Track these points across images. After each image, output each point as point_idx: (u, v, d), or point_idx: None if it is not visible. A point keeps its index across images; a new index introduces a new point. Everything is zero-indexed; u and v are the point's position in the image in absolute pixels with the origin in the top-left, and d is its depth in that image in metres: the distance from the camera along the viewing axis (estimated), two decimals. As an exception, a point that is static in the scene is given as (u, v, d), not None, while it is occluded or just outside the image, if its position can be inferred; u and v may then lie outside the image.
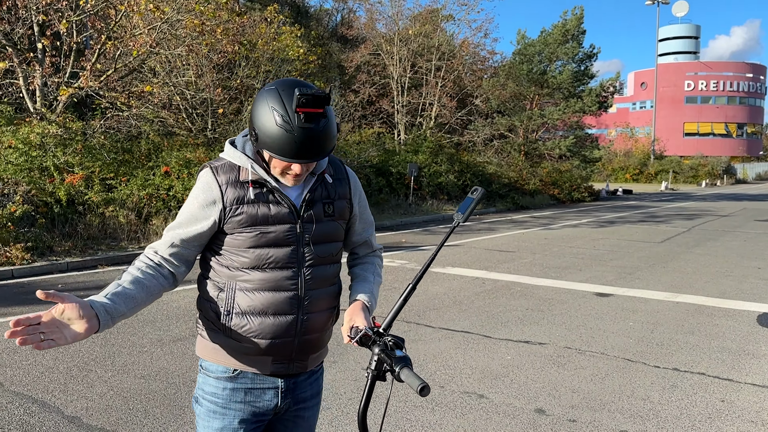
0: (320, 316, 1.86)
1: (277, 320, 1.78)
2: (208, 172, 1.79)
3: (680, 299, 7.54)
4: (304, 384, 1.92)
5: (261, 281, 1.77)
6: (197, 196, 1.78)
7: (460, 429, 3.82)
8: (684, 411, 4.16)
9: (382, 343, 1.67)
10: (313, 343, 1.88)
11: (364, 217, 2.02)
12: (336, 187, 1.89)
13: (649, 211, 22.07)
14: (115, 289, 1.62)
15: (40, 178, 10.83)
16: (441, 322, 6.34)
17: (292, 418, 1.93)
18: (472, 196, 1.83)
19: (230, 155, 1.81)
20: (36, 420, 3.85)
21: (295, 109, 1.62)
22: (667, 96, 66.15)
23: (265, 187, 1.77)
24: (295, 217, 1.79)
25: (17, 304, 6.89)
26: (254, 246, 1.76)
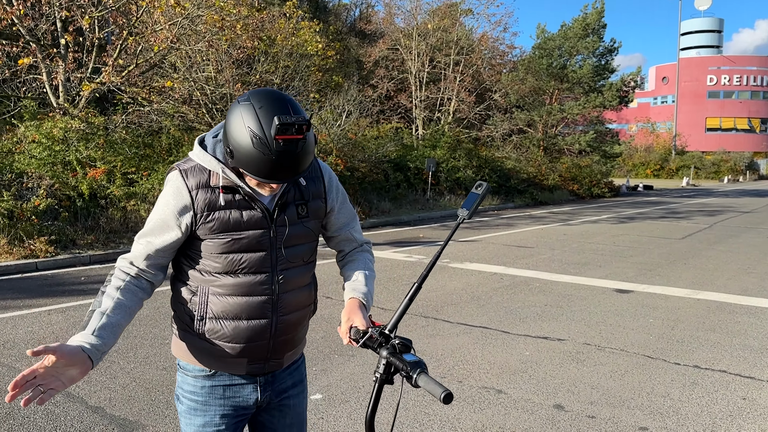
0: (295, 316, 1.85)
1: (251, 324, 1.76)
2: (177, 176, 1.72)
3: (701, 296, 7.46)
4: (282, 375, 1.91)
5: (234, 286, 1.74)
6: (168, 202, 1.71)
7: (479, 424, 3.83)
8: (705, 408, 4.12)
9: (391, 346, 1.61)
10: (288, 342, 1.86)
11: (344, 210, 1.95)
12: (309, 187, 1.84)
13: (670, 207, 21.82)
14: (101, 321, 1.59)
15: (63, 172, 10.99)
16: (459, 318, 6.34)
17: (277, 408, 1.92)
18: (476, 192, 1.76)
19: (200, 158, 1.74)
20: (61, 410, 3.93)
21: (273, 136, 1.54)
22: (689, 91, 65.24)
23: (237, 192, 1.72)
24: (268, 222, 1.75)
25: (41, 296, 7.01)
26: (227, 252, 1.73)
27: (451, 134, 23.23)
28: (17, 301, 6.75)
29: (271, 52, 17.00)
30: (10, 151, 11.06)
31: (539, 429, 3.77)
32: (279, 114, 1.55)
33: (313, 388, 4.33)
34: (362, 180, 16.74)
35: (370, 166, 17.48)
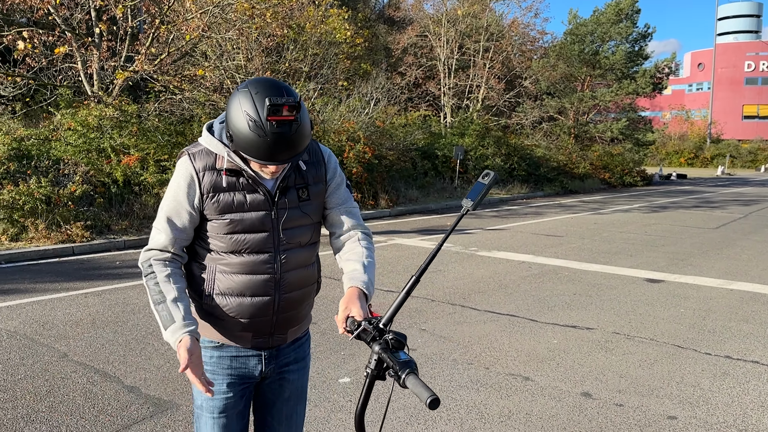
0: (297, 294, 1.93)
1: (255, 301, 1.85)
2: (186, 160, 1.83)
3: (734, 286, 7.34)
4: (286, 350, 2.00)
5: (239, 265, 1.83)
6: (179, 184, 1.82)
7: (505, 410, 3.85)
8: (735, 399, 4.08)
9: (383, 342, 1.57)
10: (290, 319, 1.95)
11: (340, 190, 1.99)
12: (310, 171, 1.91)
13: (704, 197, 21.39)
14: (182, 308, 1.77)
15: (98, 159, 11.23)
16: (486, 306, 6.35)
17: (278, 380, 2.01)
18: (483, 182, 1.73)
19: (207, 142, 1.84)
20: (98, 389, 4.06)
21: (266, 117, 1.64)
22: (726, 77, 63.54)
23: (241, 175, 1.81)
24: (270, 204, 1.84)
25: (78, 279, 7.21)
26: (231, 232, 1.82)
27: (480, 122, 23.05)
28: (55, 284, 6.96)
29: (300, 40, 17.06)
30: (47, 139, 11.33)
31: (566, 416, 3.78)
32: (271, 96, 1.64)
33: (341, 372, 4.40)
34: (390, 168, 16.74)
35: (397, 154, 17.47)
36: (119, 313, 5.82)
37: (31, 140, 10.71)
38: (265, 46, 16.03)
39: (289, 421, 2.06)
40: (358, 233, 2.00)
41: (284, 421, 2.05)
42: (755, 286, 7.39)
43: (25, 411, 3.72)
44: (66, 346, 4.86)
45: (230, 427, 1.93)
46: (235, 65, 15.63)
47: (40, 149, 10.60)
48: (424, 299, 6.54)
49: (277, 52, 17.16)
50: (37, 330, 5.26)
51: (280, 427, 2.06)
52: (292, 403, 2.06)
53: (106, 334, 5.17)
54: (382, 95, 19.41)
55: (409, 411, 3.82)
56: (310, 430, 3.51)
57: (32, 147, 10.52)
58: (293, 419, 2.07)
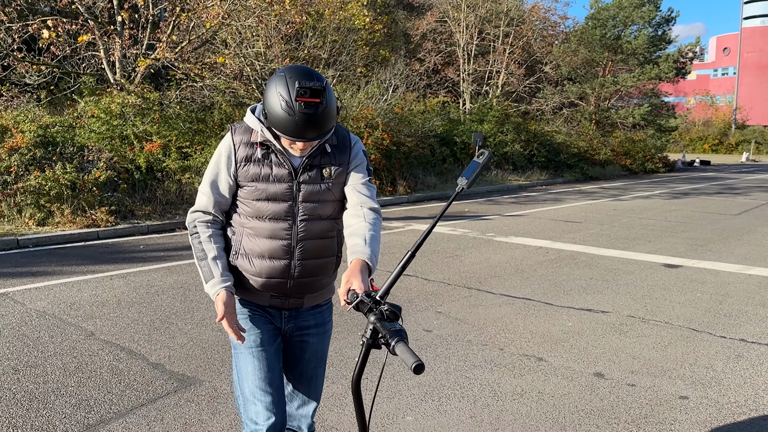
0: (313, 263, 2.11)
1: (273, 263, 2.07)
2: (228, 133, 2.12)
3: (753, 272, 7.31)
4: (306, 314, 2.19)
5: (261, 229, 2.07)
6: (220, 152, 2.10)
7: (518, 388, 3.93)
8: (748, 380, 4.11)
9: (378, 312, 1.67)
10: (307, 285, 2.13)
11: (358, 170, 2.15)
12: (335, 155, 2.11)
13: (727, 183, 21.12)
14: (220, 265, 2.05)
15: (121, 145, 11.44)
16: (502, 289, 6.42)
17: (298, 342, 2.20)
18: (477, 160, 1.82)
19: (248, 119, 2.10)
20: (124, 365, 4.22)
21: (295, 98, 1.87)
22: (752, 62, 62.25)
23: (270, 149, 2.05)
24: (293, 178, 2.05)
25: (103, 262, 7.41)
26: (255, 199, 2.06)
27: (499, 108, 22.94)
28: (81, 267, 7.16)
29: (319, 27, 17.10)
30: (71, 126, 11.56)
31: (578, 395, 3.85)
32: (300, 80, 1.88)
33: (357, 352, 4.50)
34: (408, 155, 16.78)
35: (416, 140, 17.48)
36: (143, 294, 5.99)
37: (55, 127, 10.94)
38: (285, 33, 16.10)
39: (310, 381, 2.22)
40: (365, 209, 2.10)
41: (305, 382, 2.21)
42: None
43: (55, 385, 3.89)
44: (93, 326, 5.04)
45: (267, 359, 2.09)
46: (255, 53, 15.73)
47: (64, 136, 10.83)
48: (441, 283, 6.62)
49: (296, 39, 17.23)
50: (64, 310, 5.44)
51: (301, 386, 2.22)
52: (312, 365, 2.21)
53: (131, 314, 5.34)
54: (400, 82, 19.39)
55: (423, 388, 3.92)
56: (328, 405, 3.62)
57: (57, 134, 10.75)
58: (313, 380, 2.22)
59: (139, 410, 3.56)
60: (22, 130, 10.28)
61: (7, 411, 3.53)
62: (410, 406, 3.68)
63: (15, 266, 7.22)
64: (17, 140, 9.86)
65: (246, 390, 2.08)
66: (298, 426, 2.26)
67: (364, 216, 2.07)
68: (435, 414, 3.57)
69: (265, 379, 2.06)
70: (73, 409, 3.57)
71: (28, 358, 4.32)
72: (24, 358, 4.33)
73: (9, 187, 9.49)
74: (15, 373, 4.06)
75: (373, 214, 2.10)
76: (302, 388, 2.22)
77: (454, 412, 3.60)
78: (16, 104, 13.44)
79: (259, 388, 2.06)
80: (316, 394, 2.25)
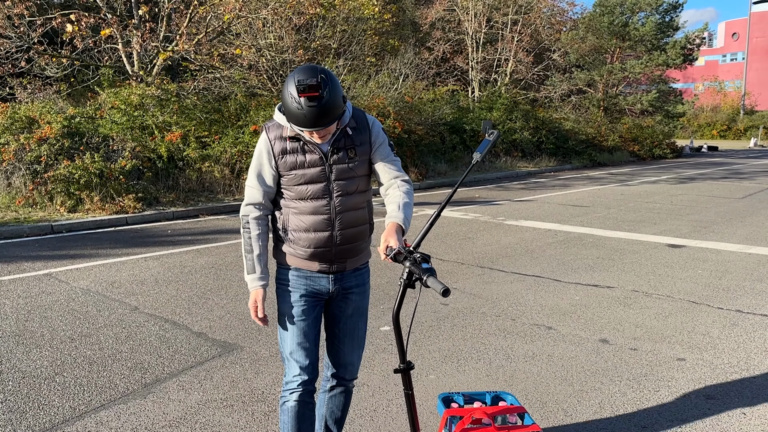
0: (351, 231, 2.45)
1: (317, 235, 2.42)
2: (263, 132, 2.45)
3: (753, 251, 7.65)
4: (349, 276, 2.55)
5: (304, 208, 2.41)
6: (260, 150, 2.43)
7: (529, 353, 4.32)
8: (741, 345, 4.48)
9: (412, 259, 2.07)
10: (347, 251, 2.48)
11: (382, 147, 2.50)
12: (357, 135, 2.44)
13: (734, 168, 21.33)
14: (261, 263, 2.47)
15: (141, 135, 11.86)
16: (513, 268, 6.79)
17: (343, 300, 2.56)
18: (489, 138, 2.23)
19: (277, 117, 2.43)
20: (170, 334, 4.64)
21: (298, 94, 2.19)
22: (761, 47, 61.88)
23: (301, 140, 2.38)
24: (324, 161, 2.39)
25: (136, 246, 7.84)
26: (296, 184, 2.40)
27: (508, 96, 23.20)
28: (116, 250, 7.60)
29: (329, 17, 17.40)
30: (92, 117, 11.98)
31: (584, 358, 4.23)
32: (300, 78, 2.19)
33: (382, 322, 4.90)
34: (419, 143, 17.12)
35: (426, 128, 17.81)
36: (178, 273, 6.41)
37: (77, 119, 11.36)
38: (296, 24, 16.43)
39: (352, 333, 2.60)
40: (398, 181, 2.51)
41: (348, 334, 2.60)
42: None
43: (110, 352, 4.31)
44: (136, 301, 5.46)
45: (305, 329, 2.47)
46: (267, 44, 16.08)
47: (88, 127, 11.25)
48: (455, 263, 7.00)
49: (306, 30, 17.55)
50: (106, 288, 5.87)
51: (345, 338, 2.60)
52: (354, 319, 2.60)
53: (170, 291, 5.76)
54: (410, 71, 19.68)
55: (443, 352, 4.31)
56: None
57: (81, 125, 11.17)
58: (355, 332, 2.61)
59: (190, 371, 3.98)
60: (48, 121, 10.70)
61: (72, 373, 3.95)
62: (432, 366, 4.08)
63: (53, 249, 7.67)
64: (45, 131, 10.29)
65: (286, 351, 2.50)
66: (344, 373, 2.64)
67: (399, 187, 2.49)
68: (455, 373, 3.97)
69: (301, 343, 2.47)
70: (129, 371, 3.99)
71: (81, 329, 4.74)
72: (77, 329, 4.76)
73: (39, 176, 9.94)
74: (72, 342, 4.49)
75: (406, 185, 2.51)
76: (347, 339, 2.61)
77: (471, 372, 3.99)
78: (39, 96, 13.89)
79: (295, 351, 2.47)
80: (359, 344, 2.64)
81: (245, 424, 3.29)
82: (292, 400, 2.45)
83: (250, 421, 3.33)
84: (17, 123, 10.57)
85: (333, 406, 2.67)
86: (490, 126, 19.27)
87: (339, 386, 2.66)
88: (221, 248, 7.72)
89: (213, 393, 3.67)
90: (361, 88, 17.17)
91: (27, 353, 4.27)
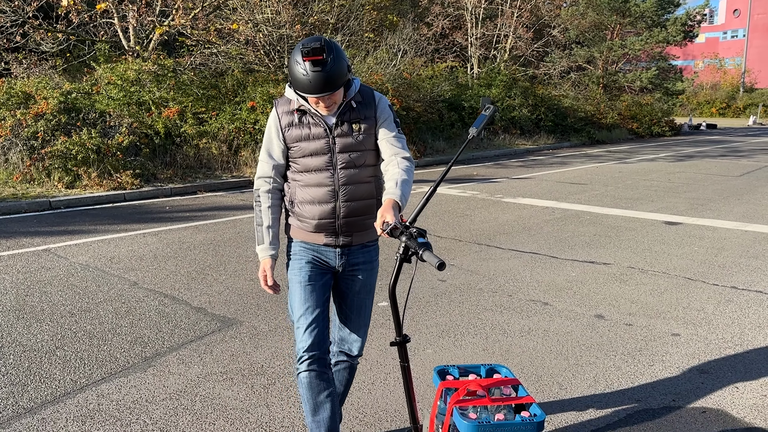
0: (355, 204, 2.47)
1: (321, 207, 2.45)
2: (273, 108, 2.51)
3: (750, 228, 7.69)
4: (356, 252, 2.56)
5: (309, 180, 2.46)
6: (270, 125, 2.51)
7: (525, 327, 4.37)
8: (735, 320, 4.53)
9: (408, 233, 2.10)
10: (352, 224, 2.49)
11: (387, 123, 2.51)
12: (362, 109, 2.46)
13: (732, 146, 21.32)
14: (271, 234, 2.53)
15: (138, 111, 11.79)
16: (510, 245, 6.83)
17: (350, 276, 2.58)
18: (485, 113, 2.24)
19: (286, 92, 2.49)
20: (170, 309, 4.67)
21: (302, 59, 2.25)
22: (762, 23, 61.34)
23: (306, 113, 2.44)
24: (329, 134, 2.42)
25: (134, 222, 7.85)
26: (302, 156, 2.45)
27: (507, 72, 23.05)
28: (114, 226, 7.61)
29: (327, -9, 17.20)
30: (88, 93, 11.90)
31: (580, 333, 4.28)
32: (305, 43, 2.24)
33: (380, 298, 4.94)
34: (417, 120, 17.04)
35: (424, 105, 17.72)
36: (177, 249, 6.44)
37: (73, 95, 11.27)
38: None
39: (359, 310, 2.62)
40: (398, 158, 2.48)
41: (355, 310, 2.62)
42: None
43: (110, 326, 4.35)
44: (135, 276, 5.49)
45: (313, 293, 2.48)
46: (264, 18, 15.90)
47: (84, 103, 11.18)
48: (453, 240, 7.03)
49: (303, 4, 17.35)
50: (106, 263, 5.90)
51: (352, 314, 2.62)
52: (361, 296, 2.61)
53: (169, 267, 5.79)
54: (409, 47, 19.52)
55: (440, 327, 4.36)
56: (356, 341, 4.07)
57: (77, 101, 11.10)
58: (362, 309, 2.63)
59: (190, 345, 4.02)
60: (45, 96, 10.63)
61: (72, 347, 3.99)
62: (429, 341, 4.12)
63: (51, 225, 7.68)
64: (42, 106, 10.23)
65: (295, 317, 2.50)
66: (349, 349, 2.66)
67: (398, 164, 2.46)
68: (451, 347, 4.02)
69: (309, 308, 2.47)
70: (130, 345, 4.03)
71: (81, 304, 4.78)
72: (77, 304, 4.79)
73: (36, 152, 9.90)
74: (71, 316, 4.52)
75: (406, 162, 2.47)
76: (353, 315, 2.62)
77: (468, 346, 4.04)
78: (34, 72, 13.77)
79: (303, 315, 2.47)
80: (365, 322, 2.65)
81: (245, 397, 3.34)
82: (302, 370, 2.44)
83: (249, 394, 3.37)
84: (13, 98, 10.50)
85: (336, 382, 2.70)
86: (489, 103, 19.17)
87: (344, 362, 2.69)
88: (220, 225, 7.74)
89: (213, 366, 3.71)
90: (359, 64, 17.03)
91: (27, 327, 4.30)
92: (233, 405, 3.25)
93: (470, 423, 2.09)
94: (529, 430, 2.10)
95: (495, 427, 2.10)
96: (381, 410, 3.22)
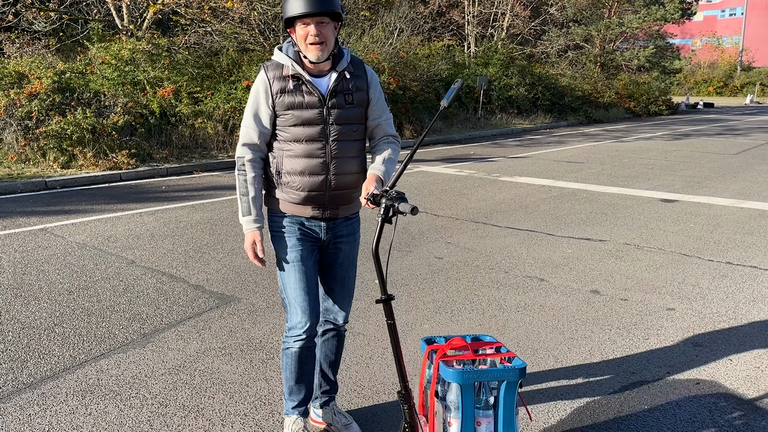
0: (345, 178, 2.46)
1: (312, 179, 2.41)
2: (261, 71, 2.41)
3: (745, 205, 7.71)
4: (341, 225, 2.57)
5: (299, 150, 2.40)
6: (257, 89, 2.40)
7: (522, 303, 4.40)
8: (730, 295, 4.57)
9: (388, 195, 2.16)
10: (341, 197, 2.49)
11: (379, 104, 2.52)
12: (355, 81, 2.44)
13: (729, 125, 21.30)
14: (256, 206, 2.46)
15: (133, 91, 11.71)
16: (507, 223, 6.84)
17: (334, 249, 2.59)
18: (454, 86, 2.27)
19: (277, 56, 2.41)
20: (168, 287, 4.69)
21: None
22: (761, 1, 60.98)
23: (300, 80, 2.37)
24: (323, 104, 2.38)
25: (130, 202, 7.84)
26: (293, 125, 2.38)
27: (504, 51, 22.90)
28: (110, 205, 7.60)
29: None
30: (82, 72, 11.80)
31: (575, 308, 4.31)
32: None
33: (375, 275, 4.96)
34: (413, 99, 16.97)
35: (421, 85, 17.63)
36: (174, 228, 6.44)
37: (67, 74, 11.18)
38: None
39: (343, 281, 2.65)
40: (389, 138, 2.58)
41: (339, 282, 2.64)
42: (765, 204, 7.75)
43: (109, 303, 4.36)
44: (132, 255, 5.49)
45: (306, 273, 2.50)
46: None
47: (78, 82, 11.09)
48: (449, 218, 7.04)
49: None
50: (103, 242, 5.90)
51: (336, 285, 2.64)
52: (345, 268, 2.64)
53: (166, 245, 5.79)
54: (405, 25, 19.37)
55: (437, 303, 4.39)
56: (355, 316, 4.09)
57: (71, 80, 11.01)
58: (346, 281, 2.66)
59: (188, 322, 4.04)
60: (38, 76, 10.54)
61: (71, 324, 4.01)
62: (426, 317, 4.15)
63: (47, 205, 7.66)
64: (35, 86, 10.15)
65: (289, 296, 2.51)
66: (335, 318, 2.70)
67: (385, 142, 2.55)
68: (448, 323, 4.05)
69: (304, 288, 2.49)
70: (128, 322, 4.04)
71: (79, 282, 4.78)
72: (75, 282, 4.80)
73: (31, 132, 9.85)
74: (70, 294, 4.53)
75: (394, 142, 2.56)
76: (337, 287, 2.65)
77: (465, 321, 4.07)
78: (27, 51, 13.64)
79: (299, 295, 2.49)
80: (349, 292, 2.69)
81: (243, 371, 3.37)
82: (296, 347, 2.51)
83: (248, 368, 3.40)
84: (6, 78, 10.41)
85: (327, 350, 2.73)
86: (486, 82, 19.07)
87: (331, 330, 2.72)
88: (216, 204, 7.74)
89: (211, 342, 3.73)
90: (355, 42, 16.91)
91: (26, 305, 4.32)
92: (232, 379, 3.28)
93: (455, 370, 2.15)
94: (511, 375, 2.17)
95: (479, 374, 2.16)
96: (378, 383, 3.25)
